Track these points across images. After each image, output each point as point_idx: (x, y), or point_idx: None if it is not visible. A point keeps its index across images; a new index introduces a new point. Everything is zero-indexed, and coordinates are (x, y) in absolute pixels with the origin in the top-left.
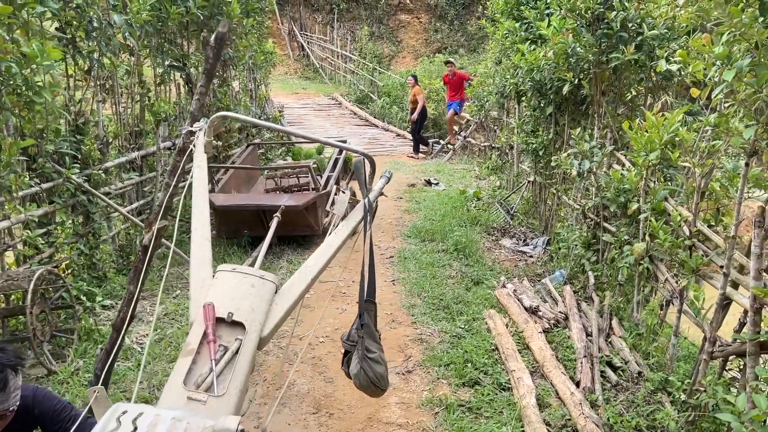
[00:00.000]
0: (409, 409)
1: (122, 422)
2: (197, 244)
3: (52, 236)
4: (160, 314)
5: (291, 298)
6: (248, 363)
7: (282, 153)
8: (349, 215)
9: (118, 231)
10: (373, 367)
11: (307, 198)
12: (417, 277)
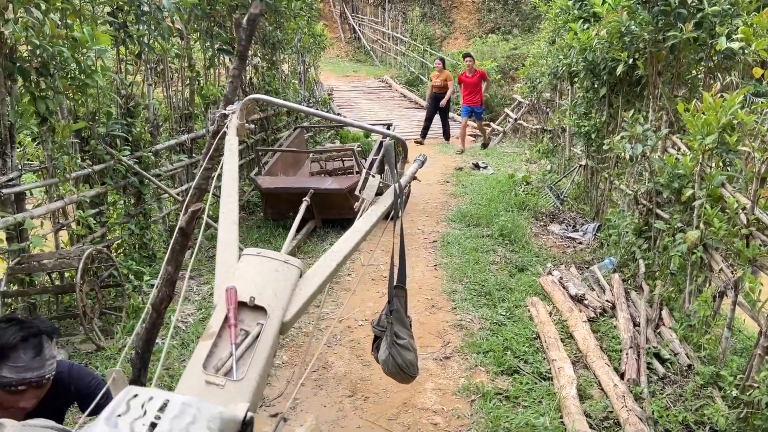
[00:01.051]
0: (445, 396)
1: (132, 406)
2: (224, 227)
3: (104, 216)
4: (206, 293)
5: (315, 283)
6: (269, 348)
7: (330, 136)
8: (378, 200)
9: (168, 212)
10: (402, 353)
11: (351, 181)
12: (459, 263)
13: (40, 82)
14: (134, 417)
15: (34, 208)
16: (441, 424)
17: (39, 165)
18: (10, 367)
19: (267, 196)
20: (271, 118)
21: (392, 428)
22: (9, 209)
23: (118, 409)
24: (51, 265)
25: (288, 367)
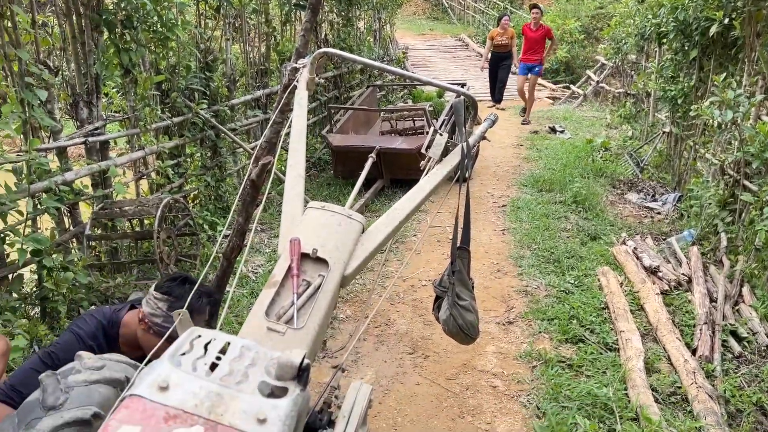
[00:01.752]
0: (506, 360)
1: (194, 346)
2: (291, 180)
3: (181, 168)
4: (275, 246)
5: (377, 239)
6: (329, 299)
7: (403, 96)
8: (444, 159)
9: (243, 166)
10: (463, 314)
11: (421, 142)
12: (529, 228)
13: (124, 34)
14: (196, 356)
15: (117, 156)
16: (500, 387)
17: (122, 116)
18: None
19: (337, 153)
20: (345, 76)
21: (451, 387)
22: (94, 157)
23: (181, 348)
24: (132, 211)
25: (351, 322)
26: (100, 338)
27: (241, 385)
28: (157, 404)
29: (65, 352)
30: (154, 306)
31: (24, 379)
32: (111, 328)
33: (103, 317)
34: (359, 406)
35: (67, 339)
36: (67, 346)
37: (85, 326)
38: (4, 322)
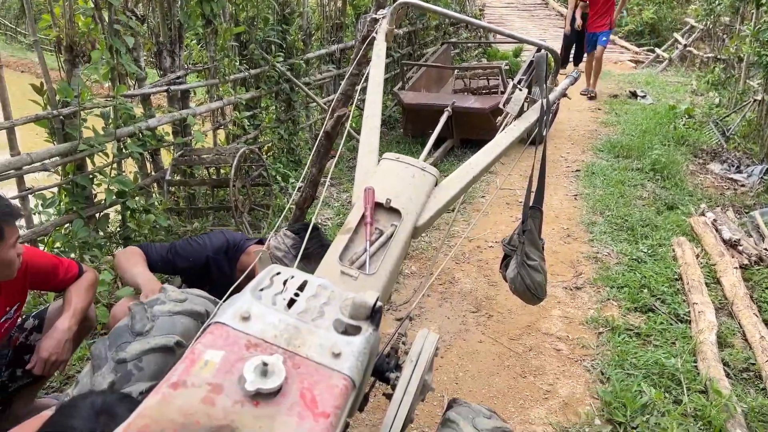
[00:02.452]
0: (572, 324)
1: (274, 282)
2: (367, 131)
3: (257, 119)
4: (344, 201)
5: (449, 193)
6: (401, 249)
7: (477, 55)
8: (523, 115)
9: (315, 121)
10: (532, 274)
11: (494, 101)
12: (602, 194)
13: None
14: (276, 292)
15: (196, 106)
16: (564, 351)
17: (202, 66)
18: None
19: (408, 111)
20: (419, 33)
21: (513, 347)
22: (176, 105)
23: (262, 284)
24: (209, 159)
25: (415, 277)
26: (221, 254)
27: (317, 321)
28: (239, 332)
29: (188, 252)
30: (281, 241)
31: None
32: (234, 251)
33: (231, 238)
34: (426, 353)
35: (196, 243)
36: (193, 249)
37: (215, 240)
38: (91, 258)
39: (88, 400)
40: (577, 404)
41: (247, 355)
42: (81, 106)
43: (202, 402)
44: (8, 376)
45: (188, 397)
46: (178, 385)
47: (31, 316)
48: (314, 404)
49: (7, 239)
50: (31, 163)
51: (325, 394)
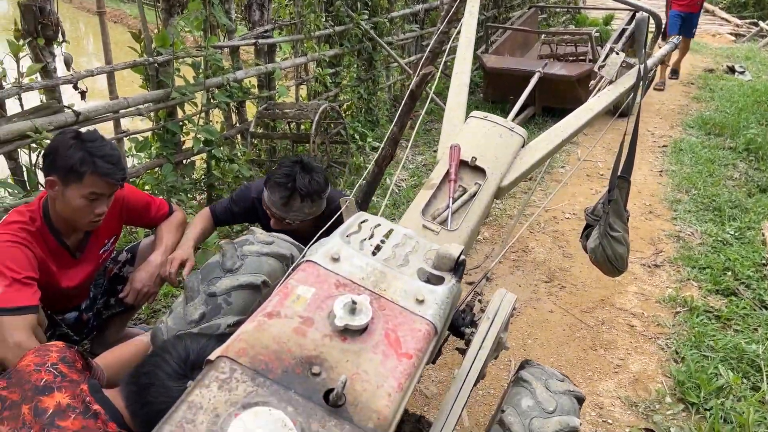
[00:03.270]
0: (648, 302)
1: (362, 228)
2: (455, 88)
3: (338, 77)
4: (419, 163)
5: (536, 155)
6: (483, 207)
7: (565, 21)
8: (618, 80)
9: (394, 82)
10: (614, 245)
11: (582, 69)
12: (690, 172)
13: None
14: (363, 237)
15: (281, 60)
16: (638, 327)
17: (289, 21)
18: (267, 195)
19: (491, 75)
20: None
21: (585, 319)
22: (262, 59)
23: (350, 229)
24: (292, 114)
25: (487, 243)
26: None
27: (402, 268)
28: (329, 272)
29: (239, 197)
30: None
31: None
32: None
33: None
34: (503, 312)
35: (244, 187)
36: (242, 193)
37: (258, 182)
38: (178, 201)
39: (180, 346)
40: (648, 381)
41: (336, 293)
42: (175, 55)
43: (293, 332)
44: (103, 304)
45: (281, 326)
46: (273, 315)
47: (124, 250)
48: (398, 344)
49: (84, 184)
50: (127, 107)
51: (408, 337)
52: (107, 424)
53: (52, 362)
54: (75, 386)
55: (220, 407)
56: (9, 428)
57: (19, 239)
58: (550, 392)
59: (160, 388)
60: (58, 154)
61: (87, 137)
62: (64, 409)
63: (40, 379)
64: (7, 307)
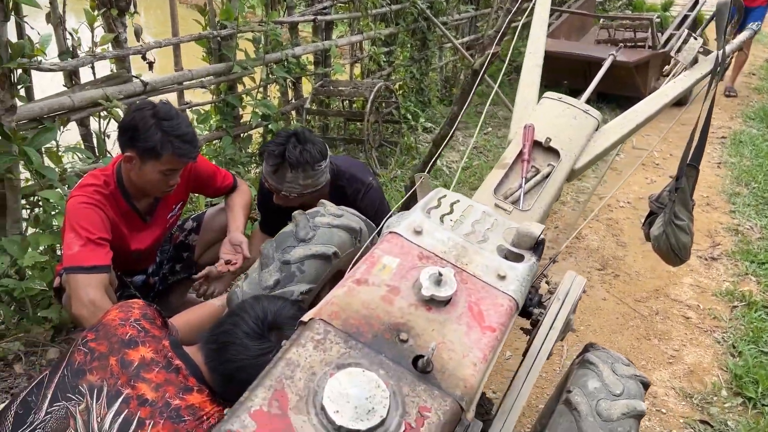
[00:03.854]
0: (703, 294)
1: (441, 203)
2: (528, 68)
3: (392, 56)
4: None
5: (610, 138)
6: (556, 189)
7: (621, 6)
8: (695, 66)
9: (446, 62)
10: (678, 234)
11: (641, 55)
12: (750, 165)
13: None
14: (443, 212)
15: (337, 38)
16: (693, 319)
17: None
18: (264, 167)
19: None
20: None
21: (639, 309)
22: (319, 36)
23: (430, 204)
24: (347, 92)
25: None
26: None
27: (482, 244)
28: (413, 244)
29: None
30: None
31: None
32: None
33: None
34: (574, 293)
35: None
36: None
37: None
38: (235, 173)
39: (257, 306)
40: (703, 373)
41: (420, 264)
42: (237, 29)
43: (381, 300)
44: (168, 269)
45: (370, 293)
46: (361, 282)
47: (190, 219)
48: (481, 318)
49: (161, 162)
50: (191, 79)
51: (492, 311)
52: (188, 379)
53: (135, 318)
54: (157, 342)
55: (315, 366)
56: (98, 377)
57: (94, 201)
58: (617, 375)
59: (239, 346)
60: (138, 132)
61: (164, 115)
62: (149, 363)
63: (125, 333)
64: (82, 266)
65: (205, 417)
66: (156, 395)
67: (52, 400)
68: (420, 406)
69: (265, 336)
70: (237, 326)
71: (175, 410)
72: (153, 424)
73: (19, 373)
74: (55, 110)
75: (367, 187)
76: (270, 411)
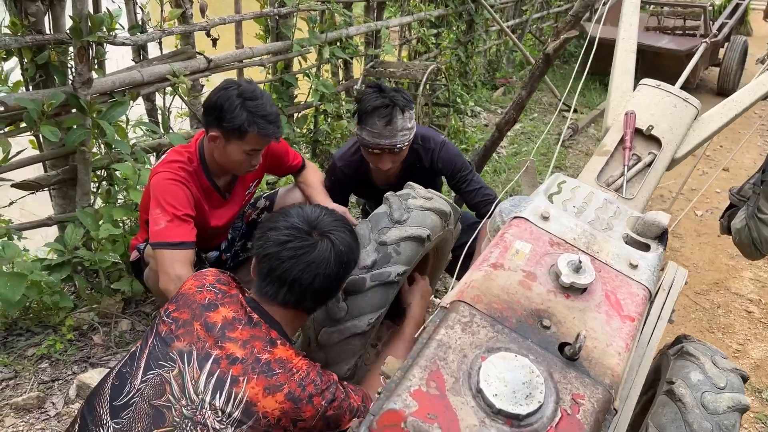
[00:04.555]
0: (764, 289)
1: (562, 189)
2: (622, 53)
3: (440, 38)
4: (517, 131)
5: (710, 127)
6: (658, 178)
7: None
8: None
9: (490, 46)
10: (761, 228)
11: (692, 44)
12: None
13: None
14: (565, 198)
15: (386, 19)
16: (756, 314)
17: None
18: (368, 131)
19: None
20: None
21: (699, 302)
22: (371, 16)
23: (551, 189)
24: (398, 73)
25: None
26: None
27: (608, 231)
28: (541, 230)
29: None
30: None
31: None
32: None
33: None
34: (678, 285)
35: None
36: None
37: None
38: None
39: (300, 210)
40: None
41: (551, 251)
42: (296, 7)
43: (519, 285)
44: (240, 246)
45: (507, 278)
46: (498, 267)
47: (262, 197)
48: (619, 307)
49: (246, 142)
50: (251, 57)
51: (629, 300)
52: (270, 332)
53: (210, 283)
54: (235, 301)
55: (466, 348)
56: (186, 343)
57: (180, 178)
58: (719, 368)
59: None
60: (224, 111)
61: (249, 95)
62: (231, 321)
63: (204, 298)
64: (169, 241)
65: (295, 369)
66: (244, 352)
67: (146, 369)
68: (573, 393)
69: (308, 232)
70: (281, 220)
71: (265, 364)
72: (247, 380)
73: (97, 344)
74: (126, 84)
75: (441, 144)
76: (429, 392)
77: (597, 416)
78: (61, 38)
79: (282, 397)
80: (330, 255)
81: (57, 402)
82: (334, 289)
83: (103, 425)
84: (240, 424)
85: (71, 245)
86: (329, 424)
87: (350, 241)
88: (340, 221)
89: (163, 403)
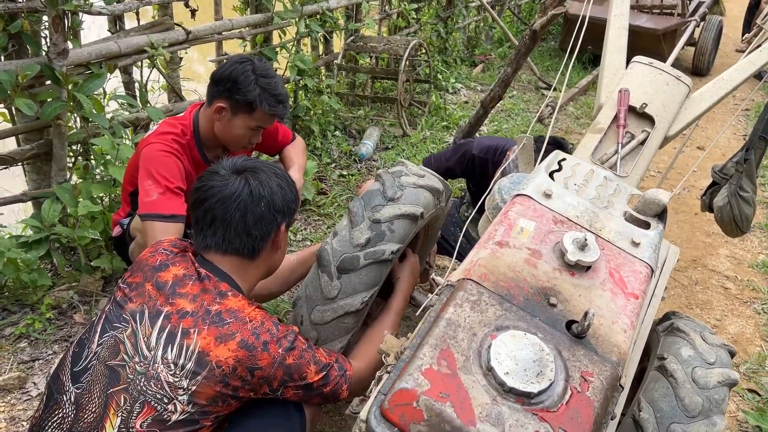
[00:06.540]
0: (740, 266)
1: (563, 167)
2: (615, 30)
3: (420, 13)
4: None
5: (701, 105)
6: (651, 155)
7: None
8: None
9: (470, 22)
10: (741, 205)
11: (668, 23)
12: None
13: None
14: (566, 176)
15: None
16: (732, 290)
17: None
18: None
19: (571, 23)
20: None
21: (678, 278)
22: None
23: (551, 166)
24: (380, 48)
25: None
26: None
27: (609, 209)
28: (544, 207)
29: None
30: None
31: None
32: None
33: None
34: (670, 262)
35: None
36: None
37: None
38: None
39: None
40: (746, 344)
41: (555, 229)
42: None
43: (525, 263)
44: None
45: (513, 256)
46: (503, 245)
47: None
48: (623, 284)
49: (253, 117)
50: (231, 29)
51: (632, 278)
52: (219, 284)
53: (163, 247)
54: (186, 260)
55: (475, 327)
56: (138, 303)
57: (173, 150)
58: (708, 344)
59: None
60: (238, 84)
61: (263, 72)
62: (182, 278)
63: (156, 260)
64: (161, 213)
65: (248, 319)
66: (194, 306)
67: (101, 333)
68: (582, 371)
69: (226, 176)
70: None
71: (216, 315)
72: (198, 331)
73: (77, 322)
74: (102, 56)
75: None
76: (440, 370)
77: (606, 393)
78: (35, 6)
79: (235, 345)
80: (243, 189)
81: (39, 382)
82: (260, 226)
83: (66, 392)
84: (194, 375)
85: (49, 222)
86: (292, 375)
87: (273, 180)
88: (267, 165)
89: (117, 363)
